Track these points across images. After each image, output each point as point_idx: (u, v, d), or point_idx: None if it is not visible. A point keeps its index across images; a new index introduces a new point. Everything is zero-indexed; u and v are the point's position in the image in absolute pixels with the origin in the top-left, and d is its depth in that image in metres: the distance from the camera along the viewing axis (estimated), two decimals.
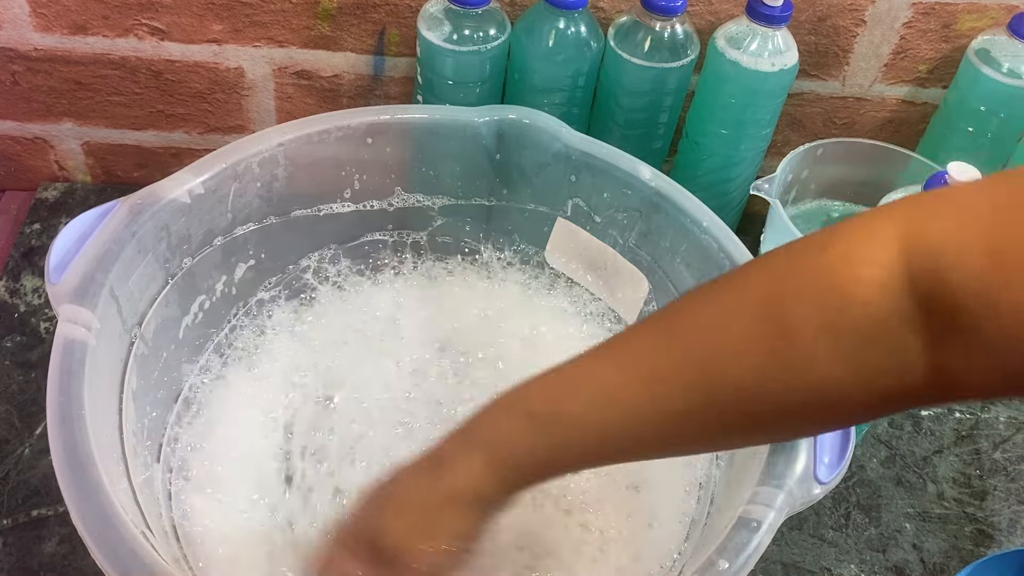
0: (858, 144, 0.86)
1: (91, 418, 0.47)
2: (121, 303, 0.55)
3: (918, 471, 0.75)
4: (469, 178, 0.71)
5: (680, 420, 0.43)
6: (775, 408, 0.41)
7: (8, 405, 0.71)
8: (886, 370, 0.37)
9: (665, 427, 0.43)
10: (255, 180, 0.64)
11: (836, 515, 0.72)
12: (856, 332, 0.37)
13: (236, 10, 0.78)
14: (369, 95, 0.85)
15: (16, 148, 0.88)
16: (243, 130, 0.87)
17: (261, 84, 0.84)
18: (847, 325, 0.37)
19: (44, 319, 0.77)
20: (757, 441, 0.49)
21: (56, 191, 0.89)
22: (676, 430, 0.43)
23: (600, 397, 0.44)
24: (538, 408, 0.46)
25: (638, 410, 0.43)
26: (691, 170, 0.83)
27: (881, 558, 0.70)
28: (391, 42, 0.82)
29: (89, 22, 0.79)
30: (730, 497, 0.55)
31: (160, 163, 0.89)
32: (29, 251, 0.83)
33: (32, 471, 0.67)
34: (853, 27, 0.82)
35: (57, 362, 0.49)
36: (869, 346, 0.37)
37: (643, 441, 0.45)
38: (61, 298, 0.52)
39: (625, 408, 0.43)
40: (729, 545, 0.47)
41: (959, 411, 0.80)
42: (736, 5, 0.79)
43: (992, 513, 0.73)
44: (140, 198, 0.57)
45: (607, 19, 0.79)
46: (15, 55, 0.81)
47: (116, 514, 0.44)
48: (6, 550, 0.63)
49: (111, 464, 0.49)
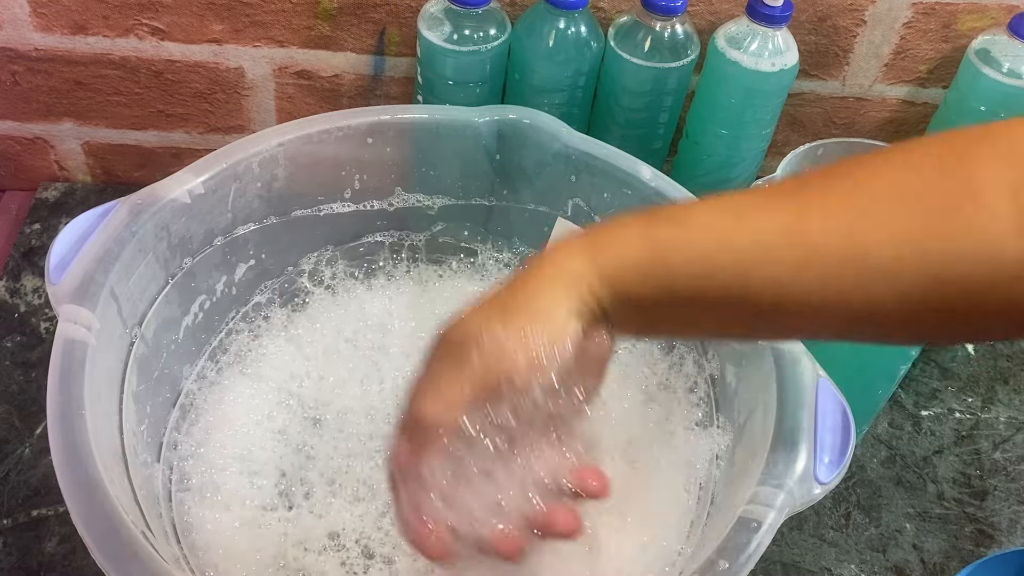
0: (858, 144, 0.86)
1: (91, 418, 0.47)
2: (121, 303, 0.55)
3: (918, 471, 0.75)
4: (469, 178, 0.71)
5: (824, 279, 0.39)
6: (932, 277, 0.38)
7: (8, 405, 0.71)
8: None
9: (807, 284, 0.40)
10: (255, 180, 0.64)
11: (836, 515, 0.72)
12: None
13: (236, 10, 0.78)
14: (369, 95, 0.85)
15: (16, 148, 0.88)
16: (243, 130, 0.87)
17: (261, 84, 0.84)
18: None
19: (44, 319, 0.77)
20: (891, 330, 0.43)
21: (56, 191, 0.89)
22: (820, 294, 0.40)
23: (757, 256, 0.40)
24: (660, 225, 0.42)
25: (792, 273, 0.40)
26: (691, 170, 0.83)
27: (881, 558, 0.70)
28: (391, 42, 0.82)
29: (89, 22, 0.79)
30: (730, 497, 0.55)
31: (160, 163, 0.89)
32: (29, 251, 0.83)
33: (32, 471, 0.67)
34: (853, 27, 0.82)
35: (57, 362, 0.49)
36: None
37: (790, 309, 0.41)
38: (61, 298, 0.52)
39: (779, 269, 0.40)
40: (729, 545, 0.47)
41: (959, 411, 0.80)
42: (736, 5, 0.79)
43: (992, 513, 0.73)
44: (140, 198, 0.57)
45: (607, 19, 0.79)
46: (15, 55, 0.81)
47: (116, 514, 0.44)
48: (6, 550, 0.63)
49: (111, 464, 0.49)
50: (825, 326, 0.43)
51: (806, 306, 0.41)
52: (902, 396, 0.80)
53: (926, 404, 0.80)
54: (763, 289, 0.41)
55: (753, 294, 0.41)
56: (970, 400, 0.81)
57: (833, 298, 0.40)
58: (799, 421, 0.51)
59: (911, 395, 0.80)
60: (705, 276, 0.42)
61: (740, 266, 0.41)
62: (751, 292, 0.41)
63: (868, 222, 0.39)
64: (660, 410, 0.66)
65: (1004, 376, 0.83)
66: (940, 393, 0.81)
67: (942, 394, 0.81)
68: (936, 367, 0.83)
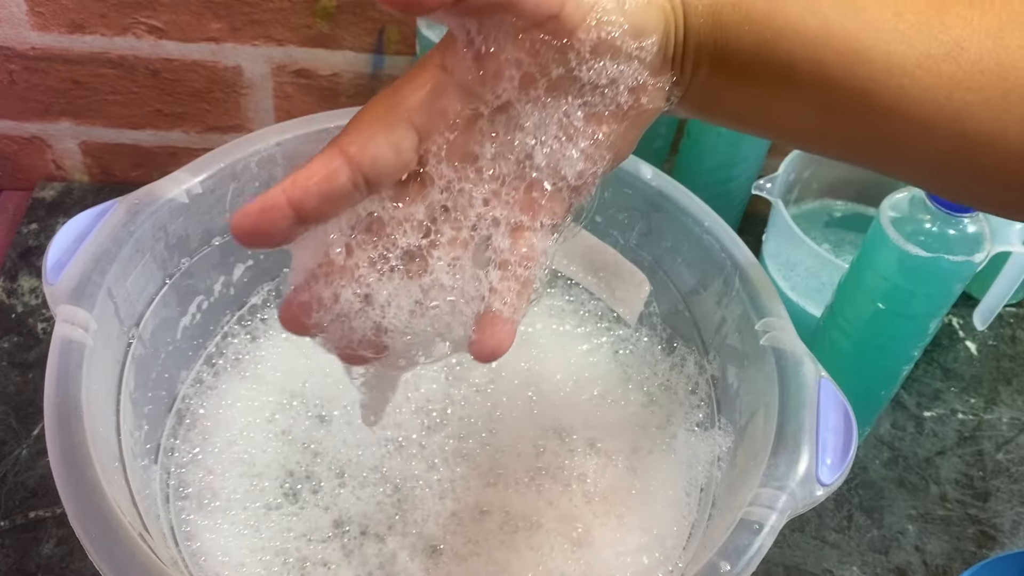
0: None
1: (89, 419, 0.47)
2: (119, 304, 0.55)
3: (920, 472, 0.75)
4: None
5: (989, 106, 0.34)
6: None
7: (5, 406, 0.70)
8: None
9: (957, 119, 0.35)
10: (253, 180, 0.63)
11: (838, 517, 0.71)
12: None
13: (234, 8, 0.78)
14: (368, 94, 0.85)
15: (13, 147, 0.88)
16: (241, 129, 0.87)
17: (260, 83, 0.84)
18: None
19: (41, 319, 0.76)
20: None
21: (53, 191, 0.89)
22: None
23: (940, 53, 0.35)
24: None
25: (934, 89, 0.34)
26: (692, 169, 0.83)
27: (883, 560, 0.69)
28: (390, 40, 0.81)
29: (87, 21, 0.78)
30: (731, 499, 0.54)
31: (158, 162, 0.89)
32: (26, 251, 0.82)
33: (29, 472, 0.67)
34: None
35: (55, 363, 0.49)
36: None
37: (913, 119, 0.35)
38: (58, 298, 0.51)
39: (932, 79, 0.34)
40: (731, 547, 0.47)
41: (962, 412, 0.80)
42: None
43: (995, 515, 0.73)
44: (137, 198, 0.57)
45: None
46: (12, 54, 0.80)
47: (114, 516, 0.44)
48: (3, 552, 0.62)
49: (109, 466, 0.49)
50: (948, 165, 0.37)
51: (941, 127, 0.35)
52: (904, 397, 0.80)
53: (929, 405, 0.80)
54: (900, 97, 0.35)
55: (887, 99, 0.35)
56: (973, 401, 0.80)
57: (985, 129, 0.35)
58: (801, 422, 0.51)
59: (913, 396, 0.80)
60: (836, 53, 0.35)
61: (890, 67, 0.35)
62: (884, 98, 0.35)
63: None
64: (661, 412, 0.66)
65: (1007, 377, 0.83)
66: (943, 394, 0.81)
67: (945, 395, 0.81)
68: (939, 368, 0.83)
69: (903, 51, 0.35)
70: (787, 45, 0.36)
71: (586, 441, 0.65)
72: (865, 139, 0.38)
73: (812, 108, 0.38)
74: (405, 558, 0.58)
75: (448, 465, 0.63)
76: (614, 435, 0.65)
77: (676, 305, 0.67)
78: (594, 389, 0.68)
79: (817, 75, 0.36)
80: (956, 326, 0.86)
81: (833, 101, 0.37)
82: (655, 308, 0.69)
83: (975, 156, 0.36)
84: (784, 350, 0.55)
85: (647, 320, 0.70)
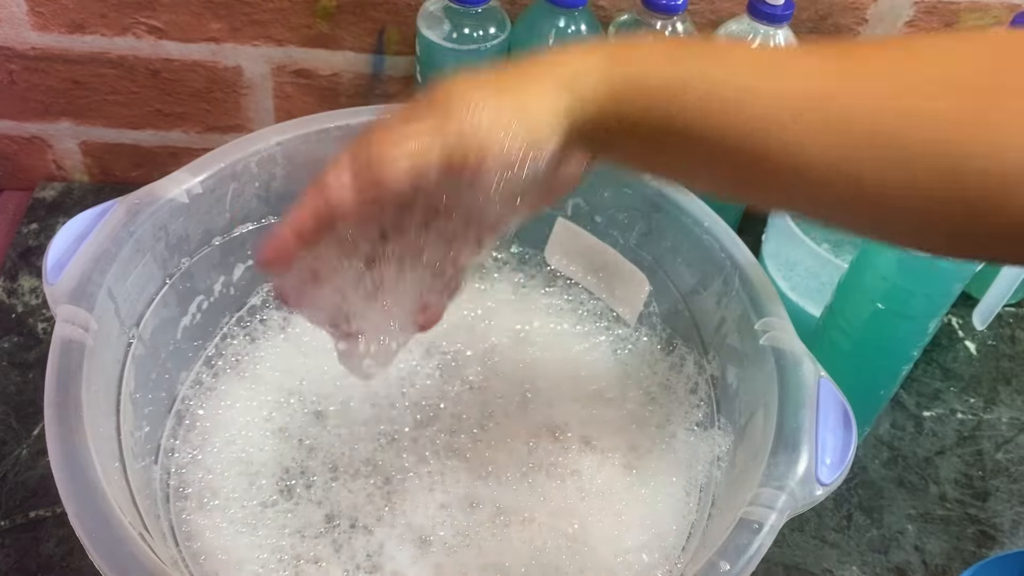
0: None
1: (89, 419, 0.47)
2: (119, 303, 0.55)
3: (920, 472, 0.75)
4: None
5: (843, 147, 0.38)
6: (943, 166, 0.37)
7: (5, 406, 0.70)
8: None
9: (831, 166, 0.39)
10: (253, 180, 0.63)
11: (838, 516, 0.72)
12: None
13: (234, 8, 0.78)
14: (368, 94, 0.85)
15: (13, 147, 0.88)
16: (241, 129, 0.87)
17: (260, 83, 0.84)
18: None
19: (42, 319, 0.76)
20: (893, 227, 0.42)
21: (54, 191, 0.89)
22: (839, 177, 0.39)
23: (797, 104, 0.39)
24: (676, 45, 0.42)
25: (813, 137, 0.38)
26: None
27: (883, 559, 0.69)
28: (390, 41, 0.81)
29: (87, 21, 0.78)
30: (731, 499, 0.54)
31: (158, 162, 0.89)
32: (26, 251, 0.82)
33: (30, 472, 0.67)
34: (855, 26, 0.81)
35: (55, 363, 0.49)
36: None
37: (794, 173, 0.39)
38: (59, 298, 0.52)
39: (811, 122, 0.38)
40: (730, 547, 0.47)
41: (961, 412, 0.80)
42: (737, 3, 0.79)
43: (994, 514, 0.73)
44: (138, 198, 0.57)
45: (607, 17, 0.79)
46: (12, 54, 0.80)
47: (114, 515, 0.44)
48: (4, 551, 0.62)
49: (109, 465, 0.49)
50: (817, 199, 0.41)
51: (811, 170, 0.39)
52: (904, 397, 0.80)
53: (928, 405, 0.80)
54: (775, 148, 0.39)
55: (764, 149, 0.40)
56: (972, 401, 0.81)
57: (843, 168, 0.39)
58: (800, 422, 0.51)
59: (913, 396, 0.80)
60: (721, 115, 0.40)
61: (759, 119, 0.39)
62: (766, 148, 0.40)
63: (909, 100, 0.38)
64: (660, 411, 0.66)
65: (1006, 376, 0.83)
66: (942, 394, 0.81)
67: (944, 395, 0.81)
68: (938, 367, 0.83)
69: (773, 104, 0.39)
70: (673, 108, 0.41)
71: (581, 439, 0.65)
72: (744, 182, 0.43)
73: (695, 158, 0.43)
74: (393, 547, 0.58)
75: (439, 458, 0.63)
76: (611, 433, 0.65)
77: (676, 305, 0.67)
78: (591, 387, 0.68)
79: (713, 142, 0.41)
80: (955, 326, 0.86)
81: (714, 151, 0.41)
82: (655, 308, 0.69)
83: (849, 197, 0.40)
84: (784, 350, 0.55)
85: (647, 320, 0.70)
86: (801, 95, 0.39)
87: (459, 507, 0.61)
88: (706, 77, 0.41)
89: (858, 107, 0.38)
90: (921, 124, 0.37)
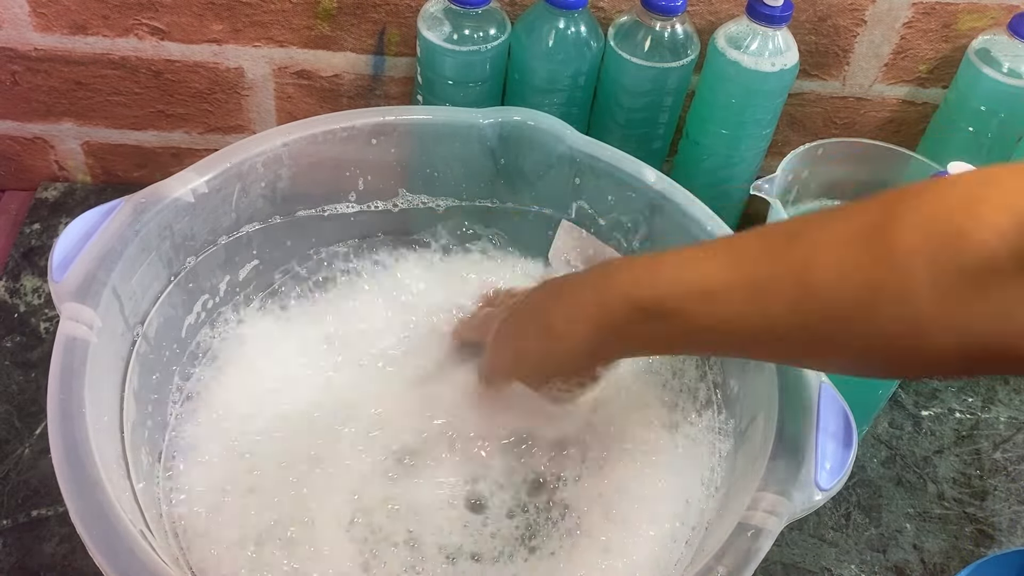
0: (858, 144, 0.86)
1: (92, 417, 0.47)
2: (124, 302, 0.55)
3: (918, 471, 0.75)
4: (473, 180, 0.71)
5: (773, 330, 0.44)
6: (863, 339, 0.41)
7: (8, 405, 0.71)
8: (985, 316, 0.37)
9: (758, 333, 0.45)
10: (259, 180, 0.63)
11: (836, 515, 0.72)
12: (963, 272, 0.37)
13: (236, 10, 0.78)
14: (369, 95, 0.85)
15: (16, 148, 0.88)
16: (243, 130, 0.87)
17: (261, 84, 0.84)
18: (955, 263, 0.37)
19: (44, 319, 0.77)
20: (839, 368, 0.49)
21: (56, 191, 0.89)
22: (768, 338, 0.45)
23: (702, 294, 0.46)
24: (644, 296, 0.48)
25: (735, 312, 0.45)
26: (691, 170, 0.83)
27: (881, 558, 0.70)
28: (391, 42, 0.82)
29: (89, 22, 0.79)
30: (730, 503, 0.54)
31: (160, 163, 0.89)
32: (29, 251, 0.83)
33: (32, 471, 0.67)
34: (853, 27, 0.82)
35: (58, 360, 0.49)
36: (972, 289, 0.37)
37: (736, 341, 0.47)
38: (63, 296, 0.52)
39: (724, 308, 0.45)
40: (729, 551, 0.47)
41: (959, 411, 0.80)
42: (736, 5, 0.79)
43: (992, 513, 0.73)
44: (144, 197, 0.57)
45: (607, 19, 0.79)
46: (15, 55, 0.80)
47: (115, 514, 0.44)
48: (6, 550, 0.63)
49: (111, 463, 0.49)
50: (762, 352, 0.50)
51: (745, 336, 0.46)
52: (902, 396, 0.80)
53: (926, 404, 0.80)
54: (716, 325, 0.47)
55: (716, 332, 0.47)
56: (970, 400, 0.81)
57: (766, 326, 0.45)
58: (801, 427, 0.51)
59: (911, 395, 0.80)
60: (692, 344, 0.52)
61: (713, 316, 0.46)
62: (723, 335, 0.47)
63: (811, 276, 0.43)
64: (660, 415, 0.66)
65: (1004, 376, 0.83)
66: (940, 393, 0.81)
67: (942, 394, 0.81)
68: None
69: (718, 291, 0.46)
70: (662, 341, 0.51)
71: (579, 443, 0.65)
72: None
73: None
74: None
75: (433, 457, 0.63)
76: (610, 438, 0.65)
77: None
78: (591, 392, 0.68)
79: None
80: None
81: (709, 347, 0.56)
82: None
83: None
84: None
85: None
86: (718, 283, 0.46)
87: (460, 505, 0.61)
88: (656, 321, 0.48)
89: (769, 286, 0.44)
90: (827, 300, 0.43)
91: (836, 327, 0.42)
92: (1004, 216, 0.36)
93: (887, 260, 0.39)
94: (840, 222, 0.43)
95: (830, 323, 0.42)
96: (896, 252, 0.39)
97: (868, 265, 0.40)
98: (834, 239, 0.42)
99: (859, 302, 0.40)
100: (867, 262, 0.40)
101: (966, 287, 0.37)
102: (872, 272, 0.40)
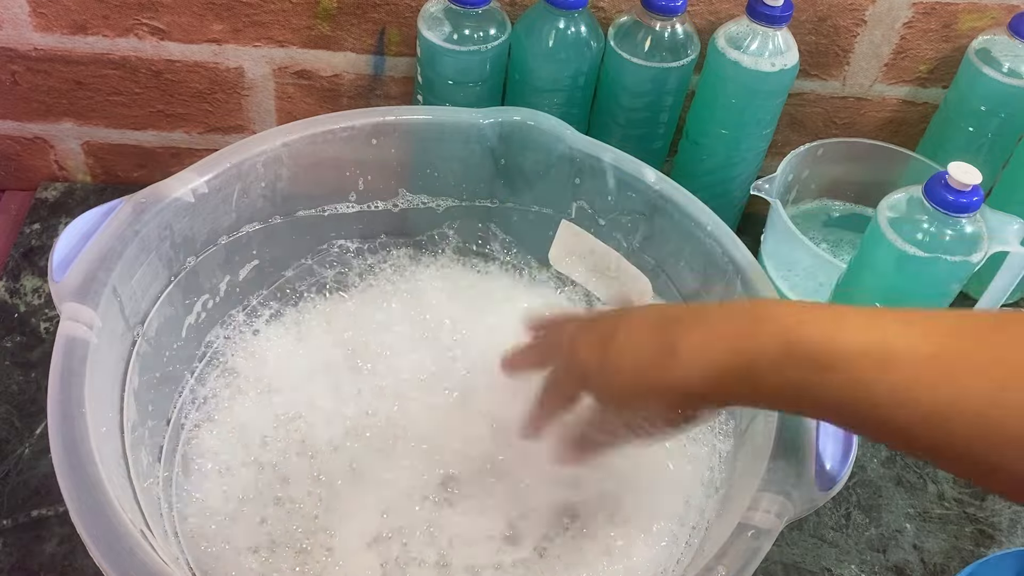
0: (858, 144, 0.86)
1: (92, 417, 0.47)
2: (124, 302, 0.55)
3: (918, 471, 0.75)
4: (473, 180, 0.71)
5: (958, 403, 0.39)
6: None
7: (8, 405, 0.71)
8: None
9: (943, 409, 0.39)
10: (259, 180, 0.63)
11: (836, 515, 0.72)
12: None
13: (236, 10, 0.78)
14: (369, 95, 0.85)
15: (16, 148, 0.88)
16: (243, 130, 0.87)
17: (261, 84, 0.84)
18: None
19: (44, 319, 0.77)
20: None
21: (56, 191, 0.89)
22: (946, 416, 0.39)
23: (883, 354, 0.41)
24: (808, 341, 0.42)
25: (917, 380, 0.40)
26: (691, 170, 0.83)
27: (881, 558, 0.70)
28: (391, 42, 0.82)
29: (89, 22, 0.79)
30: (730, 503, 0.55)
31: (160, 163, 0.89)
32: (29, 251, 0.83)
33: (32, 471, 0.67)
34: (853, 27, 0.82)
35: (59, 360, 0.49)
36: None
37: (901, 417, 0.40)
38: (64, 296, 0.52)
39: (905, 376, 0.40)
40: (729, 551, 0.47)
41: None
42: (736, 5, 0.79)
43: (992, 513, 0.73)
44: (144, 197, 0.57)
45: (607, 19, 0.79)
46: (15, 55, 0.80)
47: (115, 514, 0.44)
48: (6, 550, 0.63)
49: (111, 463, 0.49)
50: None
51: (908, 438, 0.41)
52: None
53: None
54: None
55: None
56: None
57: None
58: (801, 428, 0.51)
59: None
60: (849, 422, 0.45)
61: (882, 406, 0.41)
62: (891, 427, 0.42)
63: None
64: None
65: None
66: None
67: None
68: None
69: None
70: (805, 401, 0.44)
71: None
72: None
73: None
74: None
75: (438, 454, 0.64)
76: None
77: None
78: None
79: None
80: None
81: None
82: None
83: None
84: None
85: None
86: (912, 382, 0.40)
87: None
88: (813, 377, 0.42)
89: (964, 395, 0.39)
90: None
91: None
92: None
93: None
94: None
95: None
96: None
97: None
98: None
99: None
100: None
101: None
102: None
